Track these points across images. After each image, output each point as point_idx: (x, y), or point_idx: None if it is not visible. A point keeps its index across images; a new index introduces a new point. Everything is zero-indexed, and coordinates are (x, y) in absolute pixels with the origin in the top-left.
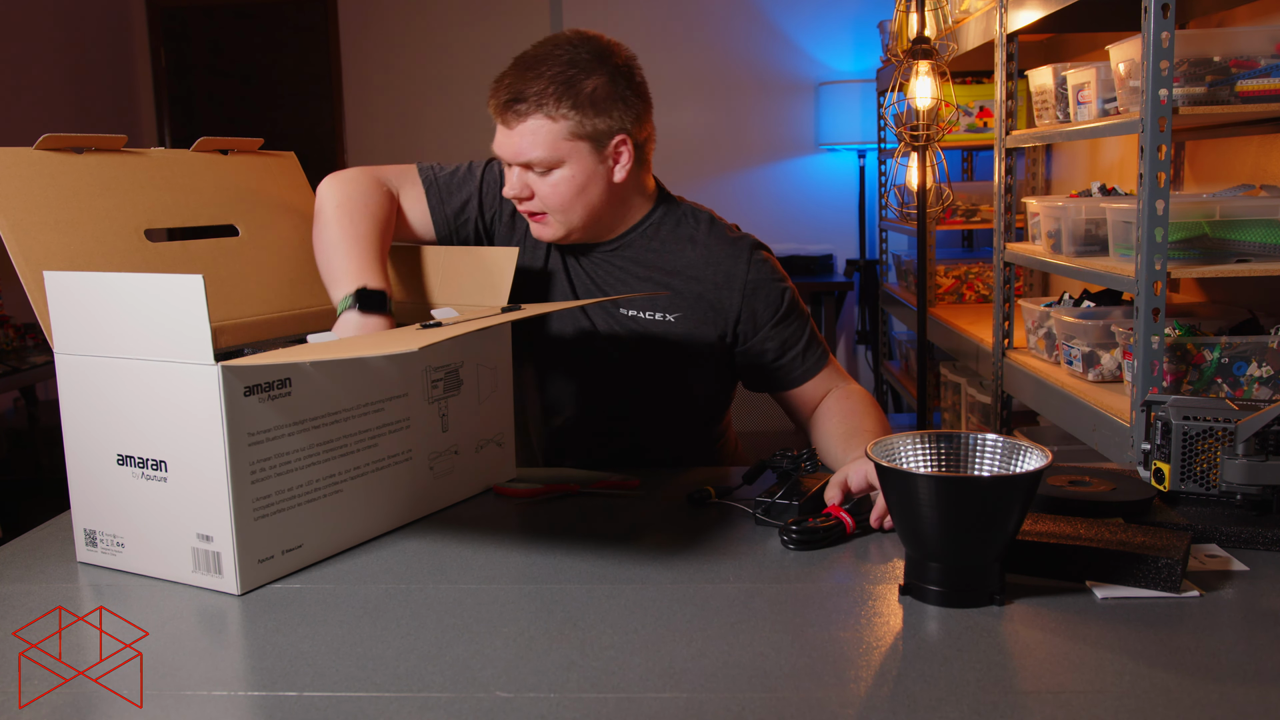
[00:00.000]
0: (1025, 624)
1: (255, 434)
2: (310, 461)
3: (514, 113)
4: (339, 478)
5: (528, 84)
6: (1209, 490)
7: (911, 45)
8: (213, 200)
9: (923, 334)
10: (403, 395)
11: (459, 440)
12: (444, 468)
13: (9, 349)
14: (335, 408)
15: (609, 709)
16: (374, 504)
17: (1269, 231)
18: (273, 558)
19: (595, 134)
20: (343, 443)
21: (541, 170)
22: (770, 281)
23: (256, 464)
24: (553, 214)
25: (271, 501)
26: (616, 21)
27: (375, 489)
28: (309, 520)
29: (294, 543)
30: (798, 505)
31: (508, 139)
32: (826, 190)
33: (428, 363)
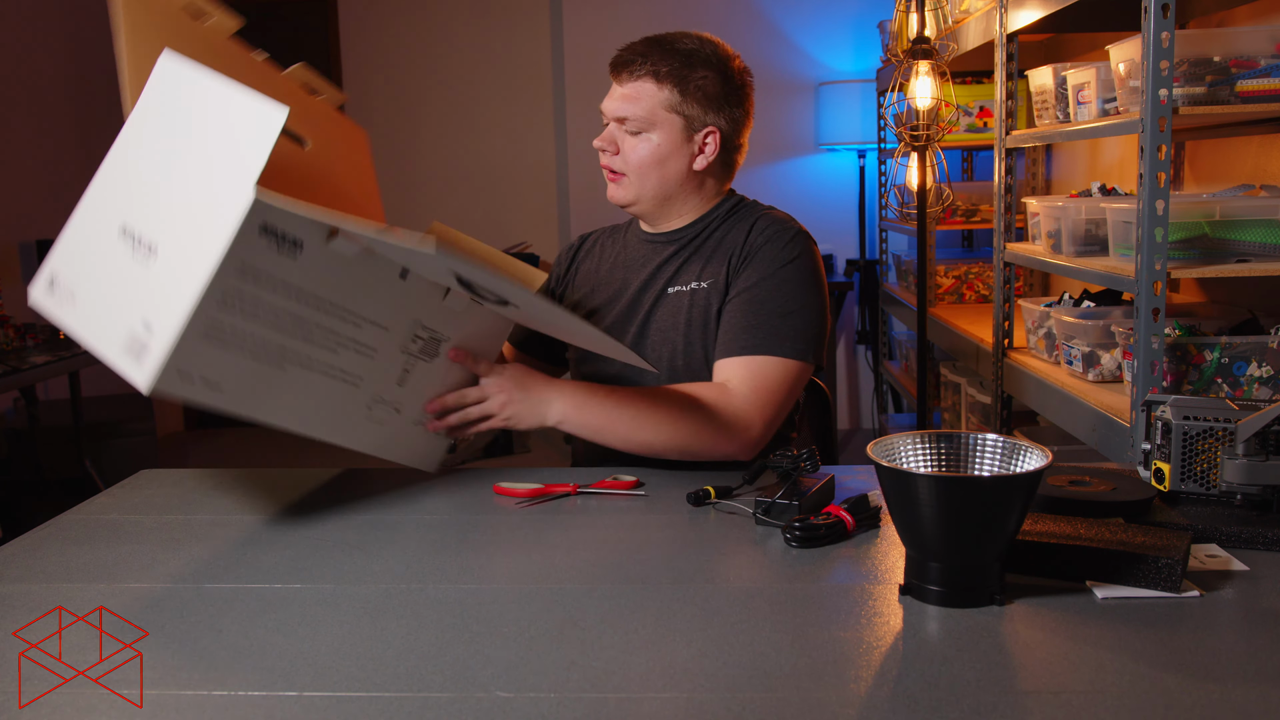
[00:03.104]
0: (1025, 624)
1: (247, 268)
2: (275, 325)
3: (627, 70)
4: (289, 355)
5: (650, 52)
6: (1209, 490)
7: (911, 45)
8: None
9: (923, 334)
10: (383, 327)
11: (405, 402)
12: (379, 416)
13: (9, 349)
14: (324, 294)
15: (609, 709)
16: (303, 401)
17: (1269, 231)
18: (191, 378)
19: (689, 116)
20: (310, 329)
21: (633, 129)
22: (776, 248)
23: (232, 294)
24: (630, 175)
25: (224, 333)
26: (616, 21)
27: (312, 390)
28: (243, 371)
29: (218, 379)
30: (798, 505)
31: (613, 94)
32: (826, 190)
33: (419, 316)
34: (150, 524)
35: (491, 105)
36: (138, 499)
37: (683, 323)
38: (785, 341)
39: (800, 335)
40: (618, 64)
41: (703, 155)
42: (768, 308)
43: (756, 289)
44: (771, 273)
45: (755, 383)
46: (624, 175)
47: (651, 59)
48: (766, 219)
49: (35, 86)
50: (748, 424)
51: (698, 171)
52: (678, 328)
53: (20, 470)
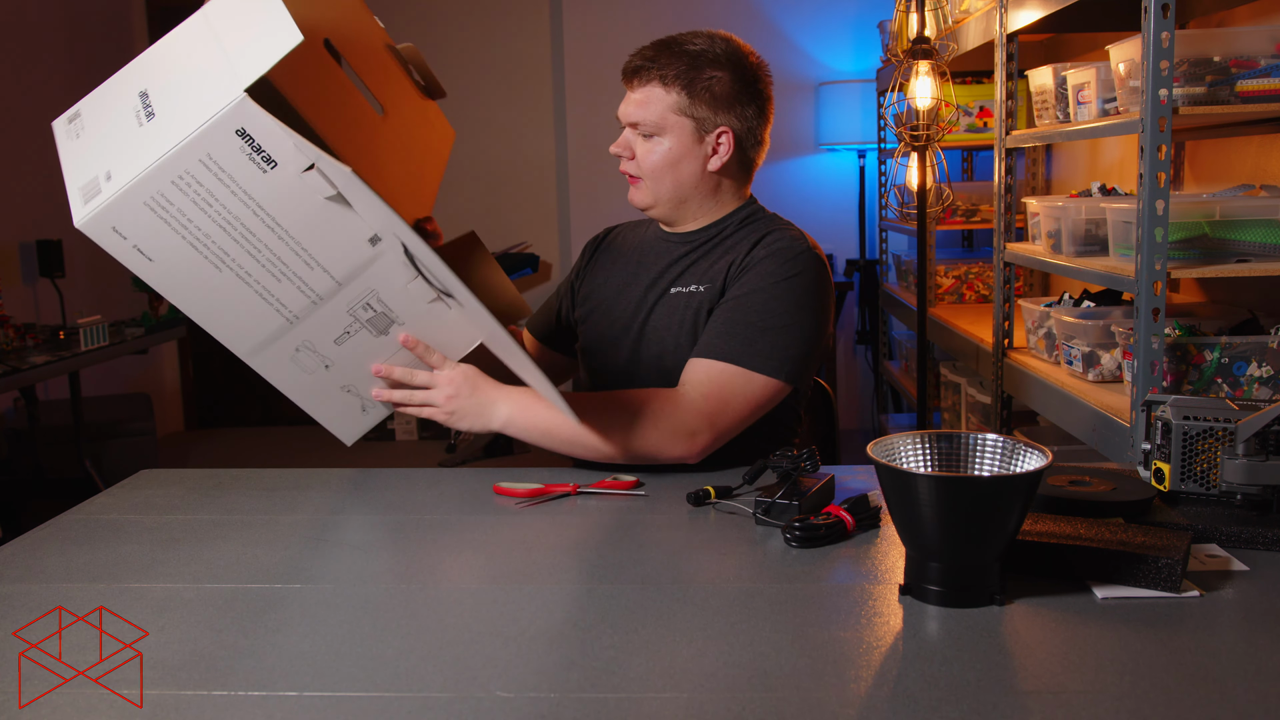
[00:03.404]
0: (1025, 624)
1: (211, 163)
2: (224, 226)
3: (637, 76)
4: (229, 260)
5: (658, 55)
6: (1209, 490)
7: (911, 45)
8: (384, 80)
9: (923, 334)
10: (336, 281)
11: (340, 365)
12: (305, 362)
13: (9, 349)
14: (285, 222)
15: (609, 709)
16: (231, 311)
17: (1269, 231)
18: (125, 239)
19: (700, 118)
20: (259, 248)
21: (645, 134)
22: (776, 263)
23: (189, 179)
24: (645, 179)
25: (169, 212)
26: (616, 21)
27: (242, 303)
28: (179, 256)
29: (151, 251)
30: (798, 505)
31: (627, 99)
32: (826, 190)
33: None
34: (150, 524)
35: (491, 105)
36: (138, 499)
37: (676, 324)
38: (758, 355)
39: (776, 352)
40: (628, 70)
41: (716, 156)
42: (749, 319)
43: (744, 299)
44: (763, 286)
45: (710, 389)
46: (641, 179)
47: (659, 63)
48: (777, 234)
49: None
50: (693, 430)
51: (713, 172)
52: (671, 328)
53: (20, 470)
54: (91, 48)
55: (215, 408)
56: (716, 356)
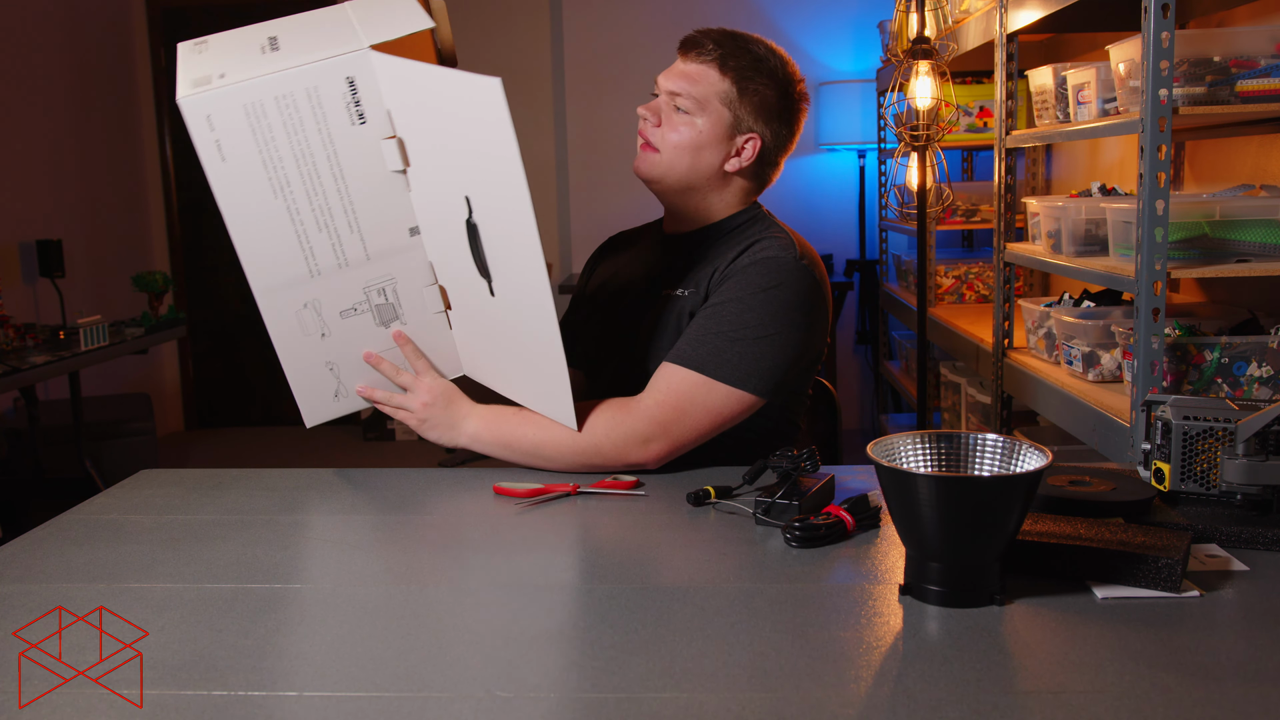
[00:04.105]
0: (1025, 624)
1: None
2: (298, 159)
3: (696, 51)
4: (289, 192)
5: (724, 40)
6: (1209, 490)
7: (911, 45)
8: None
9: (923, 334)
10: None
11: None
12: (306, 325)
13: (9, 349)
14: (350, 176)
15: (609, 709)
16: (266, 240)
17: (1269, 231)
18: (211, 128)
19: (739, 116)
20: (317, 192)
21: (684, 107)
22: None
23: (289, 99)
24: (663, 151)
25: (262, 121)
26: (616, 21)
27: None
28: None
29: (228, 151)
30: (798, 505)
31: (675, 68)
32: (826, 190)
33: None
34: (150, 524)
35: None
36: (138, 499)
37: (662, 327)
38: (725, 366)
39: (745, 364)
40: (690, 42)
41: (737, 158)
42: (720, 328)
43: (720, 307)
44: (741, 295)
45: (667, 397)
46: (657, 151)
47: (724, 47)
48: (766, 242)
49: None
50: (647, 437)
51: (728, 172)
52: (658, 332)
53: (20, 470)
54: (91, 48)
55: (215, 408)
56: (682, 363)
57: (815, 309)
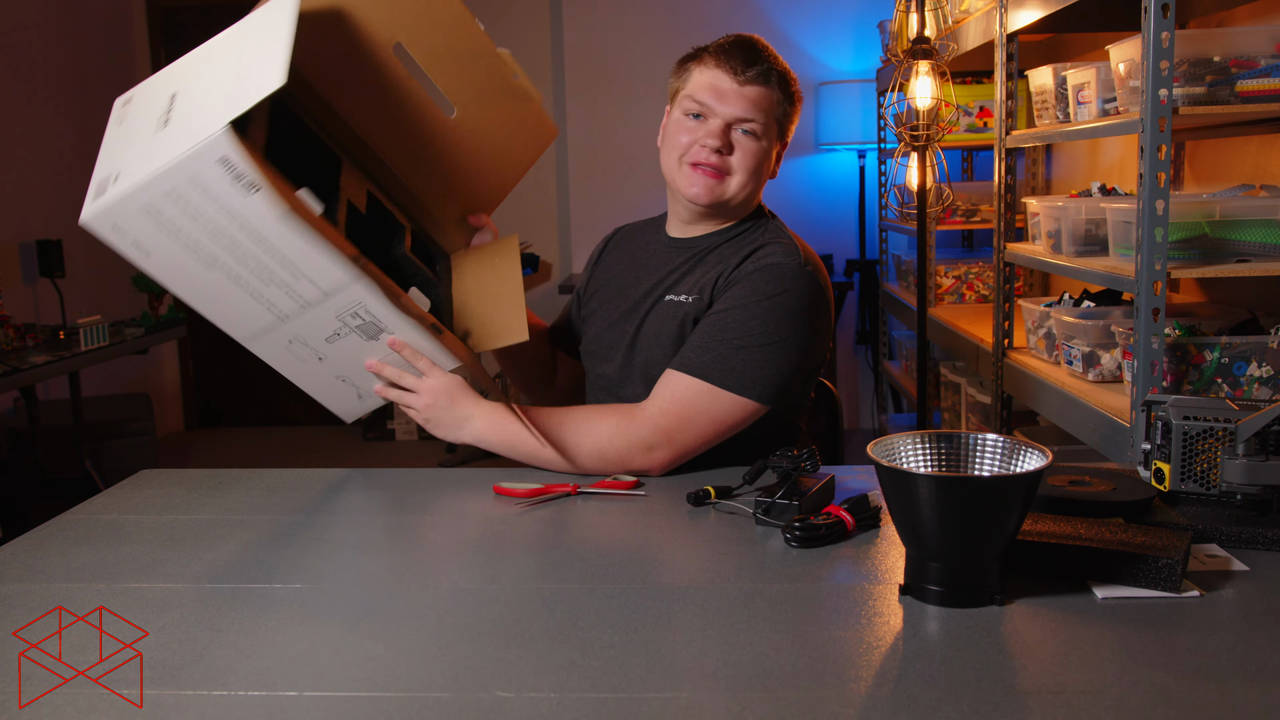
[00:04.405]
0: (1025, 624)
1: (198, 181)
2: (211, 236)
3: (756, 71)
4: (219, 264)
5: (768, 59)
6: (1209, 490)
7: (911, 45)
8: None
9: (923, 334)
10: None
11: (330, 356)
12: (299, 353)
13: (9, 349)
14: (271, 239)
15: (609, 709)
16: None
17: (1269, 231)
18: (125, 235)
19: (782, 130)
20: (247, 257)
21: (753, 132)
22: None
23: (178, 192)
24: (736, 174)
25: (163, 218)
26: (616, 21)
27: (235, 300)
28: (173, 254)
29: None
30: (798, 505)
31: (739, 94)
32: (826, 190)
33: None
34: (150, 524)
35: None
36: (138, 499)
37: (664, 333)
38: (729, 374)
39: (749, 372)
40: (743, 62)
41: (773, 163)
42: (725, 335)
43: (725, 315)
44: (746, 303)
45: (672, 405)
46: (729, 175)
47: (775, 67)
48: (770, 248)
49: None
50: (651, 445)
51: (765, 178)
52: (659, 337)
53: (20, 470)
54: (92, 48)
55: (215, 408)
56: (687, 370)
57: (819, 315)
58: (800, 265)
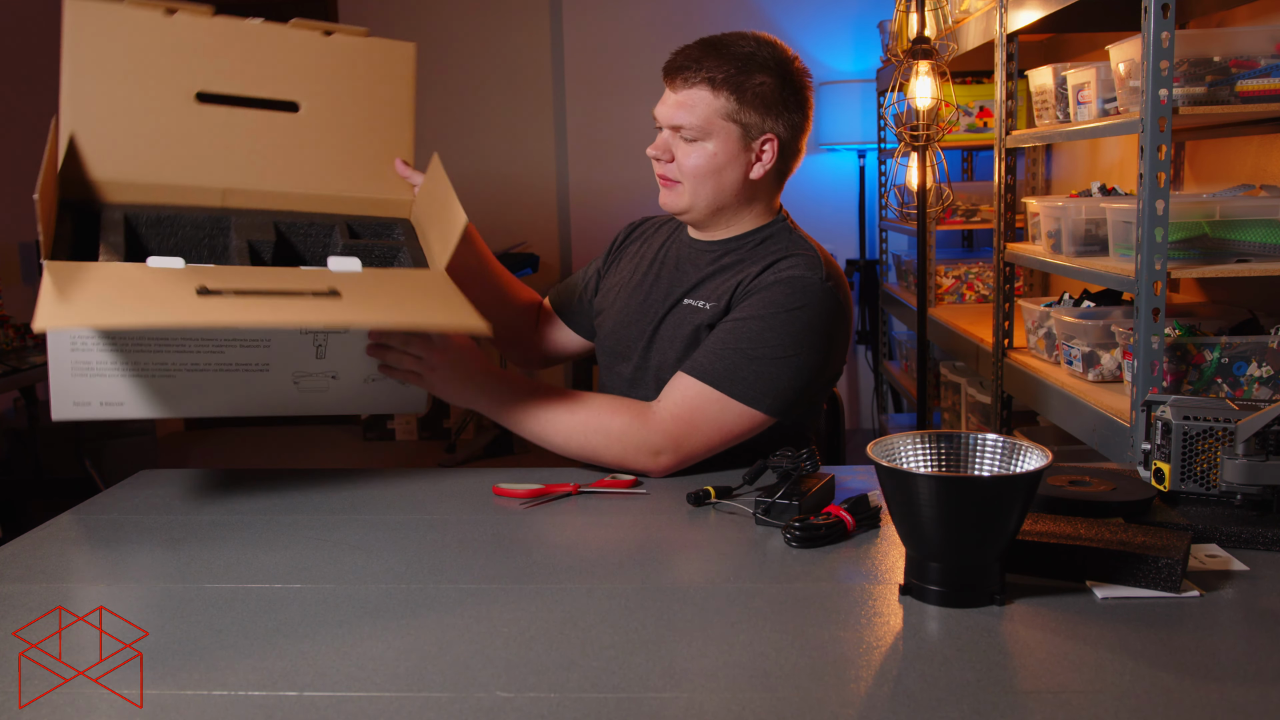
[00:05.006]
0: (1025, 624)
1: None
2: (139, 348)
3: (682, 78)
4: (171, 366)
5: (705, 57)
6: (1209, 490)
7: (911, 45)
8: (288, 75)
9: (923, 334)
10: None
11: (339, 368)
12: (315, 386)
13: (9, 349)
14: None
15: (609, 709)
16: (215, 394)
17: (1269, 231)
18: (90, 404)
19: (747, 124)
20: (181, 341)
21: (689, 137)
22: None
23: (79, 339)
24: (685, 183)
25: (91, 368)
26: (616, 21)
27: (218, 385)
28: (133, 389)
29: (114, 400)
30: (798, 505)
31: (667, 100)
32: (826, 190)
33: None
34: (150, 524)
35: (491, 105)
36: (138, 499)
37: (678, 337)
38: (741, 384)
39: (761, 383)
40: (671, 69)
41: (760, 164)
42: (740, 345)
43: (741, 324)
44: (764, 314)
45: (682, 410)
46: (679, 183)
47: (707, 65)
48: (792, 260)
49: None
50: (657, 449)
51: (753, 180)
52: (674, 340)
53: (20, 470)
54: None
55: None
56: (698, 376)
57: (837, 332)
58: (822, 281)
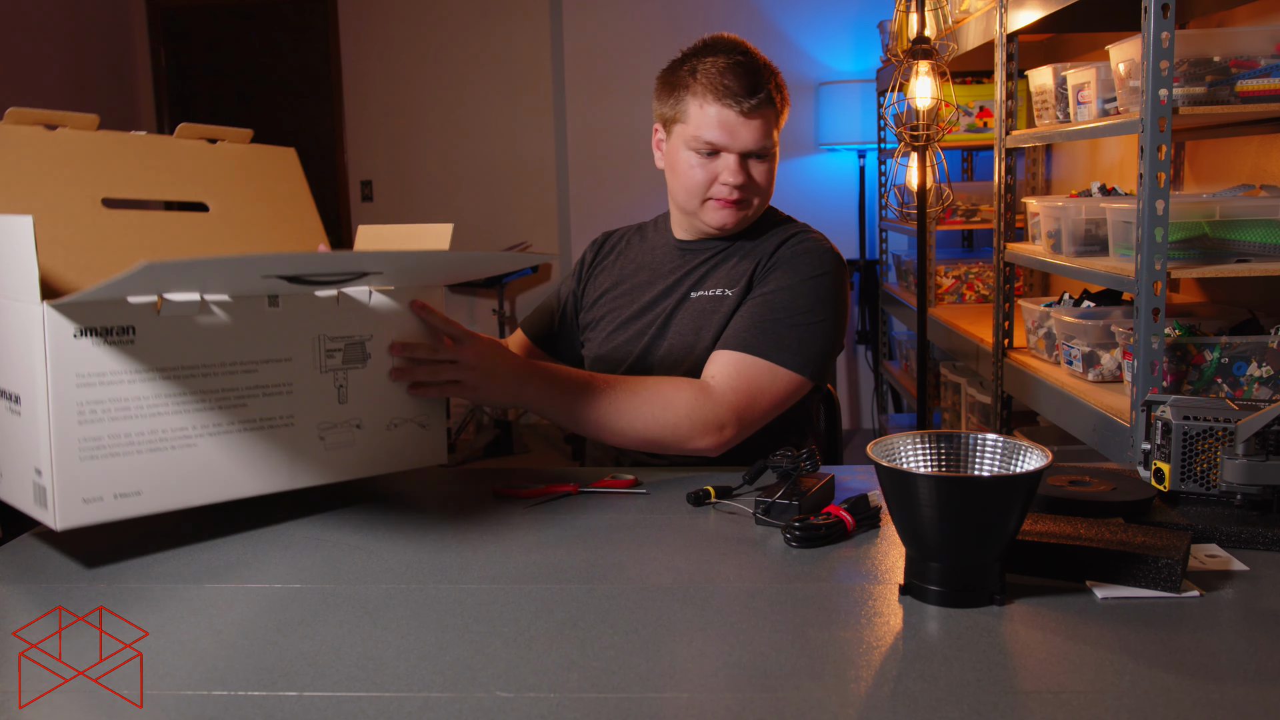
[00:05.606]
0: (1025, 624)
1: (87, 376)
2: (155, 411)
3: (759, 99)
4: (192, 431)
5: (764, 79)
6: (1209, 490)
7: (911, 45)
8: (186, 179)
9: (923, 334)
10: (284, 360)
11: (362, 415)
12: (340, 440)
13: None
14: (190, 361)
15: (609, 709)
16: (240, 463)
17: (1269, 231)
18: (102, 499)
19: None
20: (199, 397)
21: (762, 155)
22: (806, 260)
23: (86, 405)
24: (759, 196)
25: (102, 445)
26: (616, 21)
27: (243, 449)
28: (150, 469)
29: (130, 489)
30: (798, 505)
31: (747, 126)
32: (826, 190)
33: (321, 331)
34: (150, 524)
35: (491, 105)
36: None
37: (701, 327)
38: (785, 351)
39: (803, 348)
40: (745, 96)
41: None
42: (778, 314)
43: (773, 295)
44: (793, 283)
45: (739, 382)
46: (753, 200)
47: (772, 87)
48: (802, 234)
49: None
50: (721, 423)
51: None
52: (697, 332)
53: None
54: (92, 50)
55: None
56: (745, 350)
57: (847, 296)
58: (833, 251)
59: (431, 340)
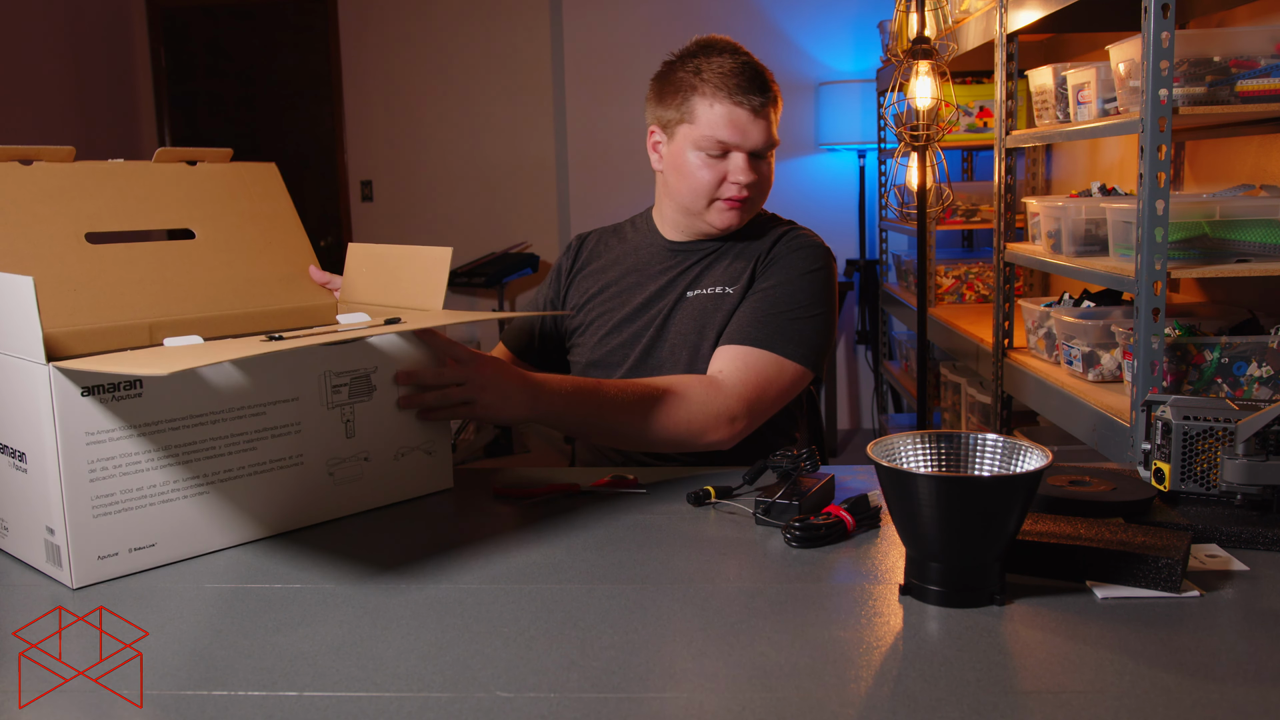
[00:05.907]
0: (1025, 624)
1: (95, 433)
2: (165, 463)
3: (767, 97)
4: (203, 480)
5: (768, 78)
6: (1209, 490)
7: (911, 45)
8: (169, 206)
9: (923, 334)
10: (291, 400)
11: (370, 447)
12: (349, 474)
13: None
14: (198, 410)
15: (609, 709)
16: (252, 507)
17: (1269, 231)
18: (117, 554)
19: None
20: (209, 445)
21: (766, 154)
22: (802, 256)
23: (96, 463)
24: (763, 195)
25: (115, 500)
26: (616, 21)
27: (254, 493)
28: (163, 520)
29: (144, 541)
30: (798, 505)
31: (757, 124)
32: (826, 190)
33: (326, 367)
34: None
35: (491, 105)
36: None
37: (702, 325)
38: (789, 343)
39: (804, 340)
40: (758, 91)
41: None
42: (779, 307)
43: (774, 289)
44: (792, 278)
45: (748, 375)
46: (756, 198)
47: (769, 84)
48: (795, 231)
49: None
50: (734, 415)
51: None
52: (700, 330)
53: None
54: (92, 51)
55: None
56: (751, 343)
57: (837, 291)
58: (824, 246)
59: (436, 365)
